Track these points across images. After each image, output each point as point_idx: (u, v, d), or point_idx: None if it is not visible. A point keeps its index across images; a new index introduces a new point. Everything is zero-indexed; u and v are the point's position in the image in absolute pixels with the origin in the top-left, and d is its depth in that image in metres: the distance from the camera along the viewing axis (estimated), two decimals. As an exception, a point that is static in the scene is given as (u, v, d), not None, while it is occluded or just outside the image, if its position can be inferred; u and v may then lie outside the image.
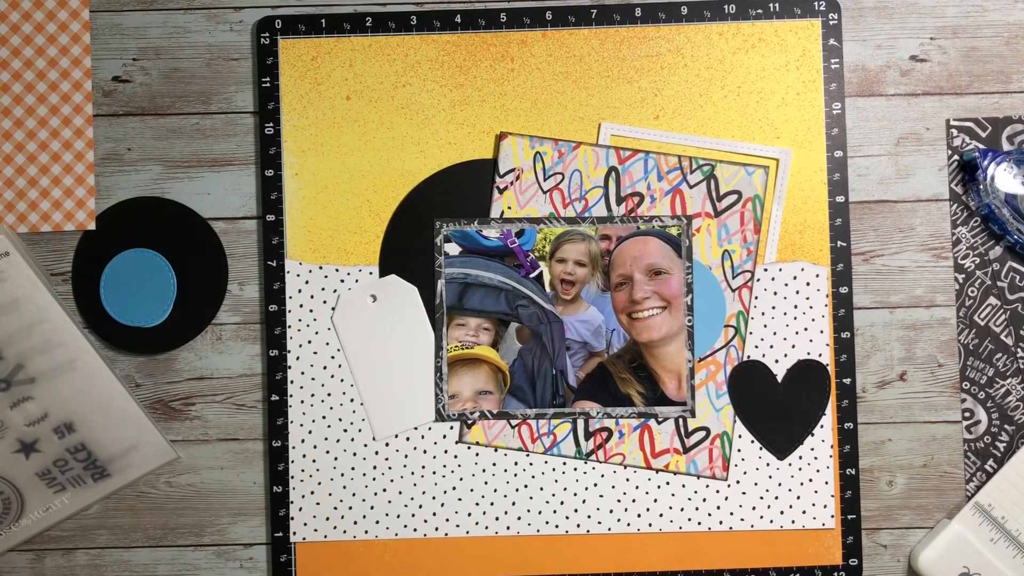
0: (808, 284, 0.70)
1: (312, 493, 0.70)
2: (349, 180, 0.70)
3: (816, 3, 0.71)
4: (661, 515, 0.70)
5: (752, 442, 0.70)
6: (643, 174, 0.70)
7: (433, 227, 0.70)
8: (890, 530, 0.70)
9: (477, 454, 0.70)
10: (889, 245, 0.71)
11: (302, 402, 0.70)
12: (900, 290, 0.71)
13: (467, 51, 0.71)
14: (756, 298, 0.70)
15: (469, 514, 0.70)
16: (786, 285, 0.70)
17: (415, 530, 0.70)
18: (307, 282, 0.70)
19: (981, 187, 0.69)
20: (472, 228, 0.70)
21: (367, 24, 0.71)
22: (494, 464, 0.70)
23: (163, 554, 0.70)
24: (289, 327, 0.70)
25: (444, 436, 0.70)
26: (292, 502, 0.70)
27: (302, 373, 0.70)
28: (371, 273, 0.70)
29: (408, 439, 0.70)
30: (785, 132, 0.70)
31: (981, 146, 0.70)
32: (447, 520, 0.70)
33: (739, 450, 0.70)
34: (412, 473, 0.70)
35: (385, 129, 0.71)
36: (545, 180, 0.70)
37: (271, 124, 0.71)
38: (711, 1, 0.71)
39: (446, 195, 0.70)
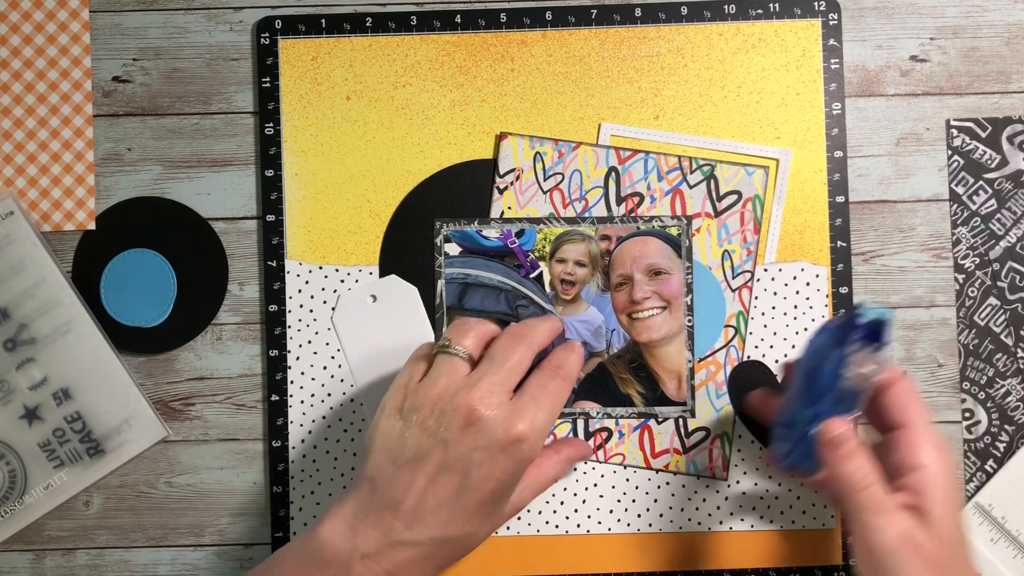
0: (808, 284, 0.70)
1: (312, 493, 0.70)
2: (349, 180, 0.70)
3: (816, 3, 0.71)
4: (661, 515, 0.70)
5: (752, 442, 0.70)
6: (643, 174, 0.70)
7: (433, 227, 0.70)
8: (890, 530, 0.70)
9: (477, 454, 0.70)
10: (889, 245, 0.71)
11: (302, 402, 0.70)
12: (900, 290, 0.71)
13: (467, 51, 0.71)
14: (756, 298, 0.70)
15: (469, 514, 0.70)
16: (786, 285, 0.70)
17: (415, 530, 0.70)
18: (307, 282, 0.70)
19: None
20: (472, 228, 0.70)
21: (367, 24, 0.71)
22: (494, 464, 0.70)
23: (163, 554, 0.70)
24: (289, 327, 0.70)
25: (444, 436, 0.70)
26: (292, 502, 0.70)
27: (302, 373, 0.70)
28: (371, 273, 0.70)
29: (408, 439, 0.70)
30: (785, 132, 0.70)
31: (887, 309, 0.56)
32: (447, 520, 0.70)
33: (739, 450, 0.70)
34: (412, 473, 0.70)
35: (385, 129, 0.71)
36: (545, 180, 0.70)
37: (271, 124, 0.71)
38: (711, 1, 0.71)
39: (446, 195, 0.70)
